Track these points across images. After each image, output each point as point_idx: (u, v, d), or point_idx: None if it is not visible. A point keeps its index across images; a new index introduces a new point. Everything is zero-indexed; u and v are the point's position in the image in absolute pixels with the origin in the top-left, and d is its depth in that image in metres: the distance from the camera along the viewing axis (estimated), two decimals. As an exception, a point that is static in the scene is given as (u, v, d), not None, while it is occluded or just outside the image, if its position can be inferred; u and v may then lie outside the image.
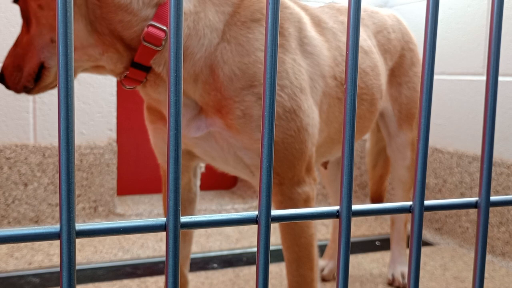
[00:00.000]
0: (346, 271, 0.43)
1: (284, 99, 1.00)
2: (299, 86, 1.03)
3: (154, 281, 1.60)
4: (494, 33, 0.46)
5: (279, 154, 1.02)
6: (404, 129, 1.53)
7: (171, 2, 0.37)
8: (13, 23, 1.95)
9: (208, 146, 1.04)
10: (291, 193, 1.05)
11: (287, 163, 1.03)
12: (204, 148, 1.06)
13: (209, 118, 1.02)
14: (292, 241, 1.07)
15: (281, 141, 1.02)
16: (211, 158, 1.09)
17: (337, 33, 1.21)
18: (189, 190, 1.28)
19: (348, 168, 0.42)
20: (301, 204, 1.06)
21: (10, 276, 1.62)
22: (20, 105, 1.99)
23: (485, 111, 0.47)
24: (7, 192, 1.99)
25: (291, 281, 1.09)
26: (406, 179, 1.61)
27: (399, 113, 1.52)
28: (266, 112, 0.40)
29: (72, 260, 0.36)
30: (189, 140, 1.05)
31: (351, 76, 0.41)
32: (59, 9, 0.34)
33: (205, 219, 0.40)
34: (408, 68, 1.51)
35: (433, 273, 1.74)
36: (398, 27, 1.51)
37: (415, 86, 1.52)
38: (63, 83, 0.35)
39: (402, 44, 1.51)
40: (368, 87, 1.26)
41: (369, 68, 1.27)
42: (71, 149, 0.35)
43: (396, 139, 1.56)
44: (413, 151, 1.58)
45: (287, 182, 1.05)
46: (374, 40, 1.38)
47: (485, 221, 0.49)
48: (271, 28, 0.39)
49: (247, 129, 1.00)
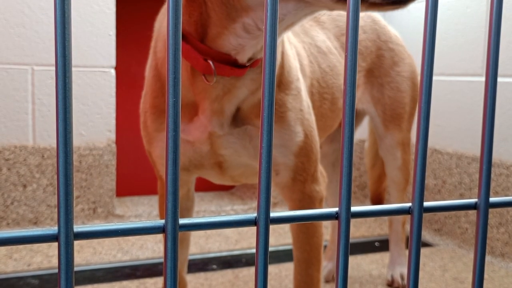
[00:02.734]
0: (346, 272, 0.43)
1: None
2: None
3: (153, 282, 1.60)
4: (493, 34, 0.46)
5: (307, 148, 1.03)
6: (391, 129, 1.53)
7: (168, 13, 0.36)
8: (12, 24, 1.95)
9: (241, 145, 1.00)
10: (310, 191, 1.06)
11: (313, 158, 1.05)
12: (236, 148, 1.01)
13: (248, 116, 0.99)
14: (304, 241, 1.08)
15: (308, 135, 1.03)
16: (233, 162, 1.04)
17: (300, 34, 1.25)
18: (187, 199, 1.28)
19: (347, 169, 0.42)
20: (317, 203, 1.08)
21: (9, 277, 1.62)
22: (19, 106, 1.98)
23: (484, 112, 0.47)
24: (6, 193, 1.98)
25: (299, 281, 1.10)
26: (398, 179, 1.61)
27: (384, 114, 1.51)
28: (265, 113, 0.40)
29: (70, 262, 0.36)
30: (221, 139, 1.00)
31: (350, 78, 0.41)
32: (58, 9, 0.34)
33: (203, 221, 0.40)
34: (389, 68, 1.50)
35: (432, 274, 1.74)
36: (372, 27, 1.50)
37: (399, 86, 1.51)
38: (61, 83, 0.35)
39: (379, 44, 1.49)
40: (329, 86, 1.27)
41: (328, 68, 1.28)
42: (69, 150, 0.35)
43: (385, 140, 1.55)
44: (404, 152, 1.57)
45: (309, 180, 1.06)
46: (337, 42, 1.38)
47: (485, 222, 0.48)
48: (271, 29, 0.39)
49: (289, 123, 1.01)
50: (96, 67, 2.06)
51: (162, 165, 1.12)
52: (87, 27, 2.03)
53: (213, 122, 0.97)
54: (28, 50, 1.97)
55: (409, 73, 1.54)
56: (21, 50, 1.97)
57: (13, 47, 1.96)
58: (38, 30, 1.98)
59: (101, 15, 2.04)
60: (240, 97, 0.96)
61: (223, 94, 0.95)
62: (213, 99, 0.95)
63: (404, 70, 1.52)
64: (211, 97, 0.95)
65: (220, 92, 0.95)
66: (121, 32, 2.27)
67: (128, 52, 2.40)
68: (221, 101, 0.96)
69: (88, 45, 2.04)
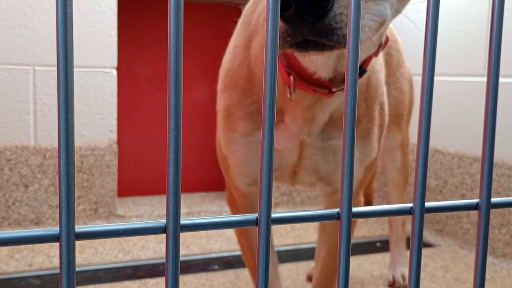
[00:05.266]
0: (347, 273, 0.43)
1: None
2: None
3: (154, 283, 1.60)
4: (494, 34, 0.46)
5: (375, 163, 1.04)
6: (393, 130, 1.53)
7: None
8: (13, 24, 1.95)
9: (323, 158, 0.97)
10: (359, 200, 1.09)
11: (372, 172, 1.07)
12: (317, 161, 0.98)
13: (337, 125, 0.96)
14: (330, 235, 1.11)
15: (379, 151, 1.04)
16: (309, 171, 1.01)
17: None
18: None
19: (348, 170, 0.42)
20: None
21: (11, 277, 1.62)
22: (20, 107, 1.99)
23: (485, 112, 0.47)
24: (7, 193, 1.98)
25: (326, 275, 1.12)
26: (398, 180, 1.61)
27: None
28: (266, 114, 0.40)
29: (72, 262, 0.36)
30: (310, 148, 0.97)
31: (351, 78, 0.41)
32: (59, 10, 0.34)
33: (205, 221, 0.40)
34: (395, 69, 1.50)
35: (434, 275, 1.73)
36: None
37: (402, 87, 1.51)
38: (63, 84, 0.35)
39: (389, 43, 1.50)
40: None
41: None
42: (71, 151, 0.35)
43: (385, 141, 1.55)
44: (403, 153, 1.57)
45: (359, 191, 1.08)
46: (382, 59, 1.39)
47: (486, 223, 0.48)
48: (271, 29, 0.39)
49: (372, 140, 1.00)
50: (98, 68, 2.06)
51: (242, 173, 1.01)
52: (88, 27, 2.03)
53: (304, 131, 0.94)
54: (30, 50, 1.98)
55: (409, 76, 1.55)
56: (22, 50, 1.97)
57: (14, 47, 1.96)
58: (39, 30, 1.98)
59: (103, 16, 2.04)
60: (333, 105, 0.92)
61: (314, 103, 0.91)
62: (306, 108, 0.91)
63: (406, 72, 1.53)
64: (303, 106, 0.90)
65: (311, 101, 0.90)
66: (122, 32, 2.28)
67: (130, 52, 2.41)
68: (313, 110, 0.92)
69: (89, 46, 2.04)
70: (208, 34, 2.49)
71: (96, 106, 2.07)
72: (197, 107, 2.54)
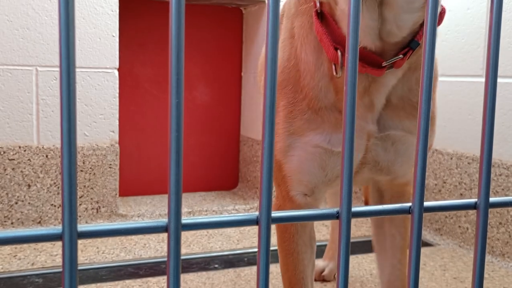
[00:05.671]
0: (347, 272, 0.44)
1: None
2: None
3: (156, 282, 1.60)
4: (493, 35, 0.47)
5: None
6: None
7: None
8: (16, 26, 1.96)
9: (382, 147, 0.88)
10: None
11: None
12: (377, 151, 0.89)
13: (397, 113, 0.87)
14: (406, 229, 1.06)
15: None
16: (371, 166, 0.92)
17: None
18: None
19: (348, 169, 0.42)
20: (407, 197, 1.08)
21: (13, 276, 1.62)
22: (23, 107, 1.99)
23: (484, 112, 0.48)
24: (10, 193, 1.99)
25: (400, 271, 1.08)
26: None
27: None
28: (266, 113, 0.40)
29: (74, 261, 0.36)
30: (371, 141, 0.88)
31: (351, 79, 0.41)
32: (62, 11, 0.34)
33: (206, 220, 0.40)
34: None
35: (432, 274, 1.74)
36: None
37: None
38: (65, 84, 0.35)
39: None
40: None
41: None
42: (73, 151, 0.36)
43: None
44: None
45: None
46: None
47: (485, 222, 0.49)
48: (272, 29, 0.39)
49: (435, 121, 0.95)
50: (100, 68, 2.07)
51: (298, 182, 0.89)
52: (90, 28, 2.04)
53: (368, 120, 0.84)
54: (32, 51, 1.98)
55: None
56: (25, 51, 1.98)
57: (17, 48, 1.97)
58: (42, 31, 1.98)
59: (105, 17, 2.05)
60: (389, 85, 0.82)
61: (369, 85, 0.81)
62: (362, 92, 0.81)
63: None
64: (358, 90, 0.79)
65: (366, 83, 0.81)
66: (124, 33, 2.28)
67: (131, 53, 2.41)
68: (369, 93, 0.82)
69: (91, 46, 2.04)
70: (209, 35, 2.50)
71: (98, 106, 2.08)
72: (198, 107, 2.54)
